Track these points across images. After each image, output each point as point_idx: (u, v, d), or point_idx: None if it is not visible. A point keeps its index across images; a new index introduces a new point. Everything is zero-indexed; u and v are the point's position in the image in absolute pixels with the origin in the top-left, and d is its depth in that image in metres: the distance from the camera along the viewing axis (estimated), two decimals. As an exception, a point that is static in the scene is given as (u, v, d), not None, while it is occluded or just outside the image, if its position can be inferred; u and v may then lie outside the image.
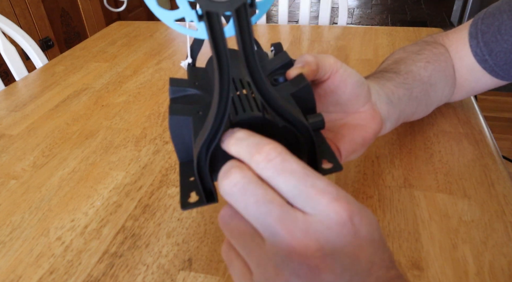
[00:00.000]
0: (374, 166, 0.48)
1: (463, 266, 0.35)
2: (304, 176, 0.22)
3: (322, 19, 1.05)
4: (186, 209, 0.26)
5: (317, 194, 0.21)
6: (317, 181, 0.21)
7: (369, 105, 0.37)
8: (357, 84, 0.35)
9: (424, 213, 0.41)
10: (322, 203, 0.21)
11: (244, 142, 0.24)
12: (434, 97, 0.49)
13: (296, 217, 0.21)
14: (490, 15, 0.48)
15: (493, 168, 0.46)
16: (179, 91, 0.30)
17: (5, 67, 1.64)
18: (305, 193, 0.21)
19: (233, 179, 0.22)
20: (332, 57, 0.34)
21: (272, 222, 0.21)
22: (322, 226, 0.21)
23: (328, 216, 0.21)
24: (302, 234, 0.21)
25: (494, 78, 0.49)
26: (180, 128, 0.28)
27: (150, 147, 0.54)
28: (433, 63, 0.48)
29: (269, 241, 0.22)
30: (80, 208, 0.45)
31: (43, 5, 1.87)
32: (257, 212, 0.22)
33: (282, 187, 0.22)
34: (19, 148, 0.57)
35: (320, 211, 0.21)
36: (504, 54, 0.46)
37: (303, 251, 0.21)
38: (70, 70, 0.81)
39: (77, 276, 0.37)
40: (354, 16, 3.29)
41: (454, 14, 2.93)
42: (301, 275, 0.21)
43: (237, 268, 0.25)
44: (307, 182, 0.21)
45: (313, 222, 0.21)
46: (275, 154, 0.22)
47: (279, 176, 0.22)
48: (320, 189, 0.21)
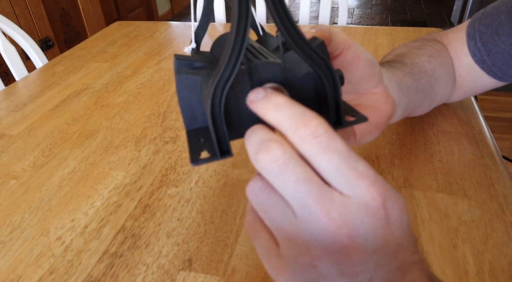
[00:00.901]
0: (374, 166, 0.48)
1: (463, 266, 0.35)
2: (348, 158, 0.21)
3: (322, 19, 1.05)
4: (196, 164, 0.24)
5: (358, 177, 0.21)
6: (359, 163, 0.21)
7: (382, 87, 0.36)
8: (370, 63, 0.34)
9: (424, 213, 0.41)
10: (361, 187, 0.21)
11: (286, 110, 0.22)
12: (438, 91, 0.49)
13: (333, 197, 0.21)
14: (488, 15, 0.48)
15: (493, 168, 0.46)
16: (185, 64, 0.28)
17: (5, 67, 1.64)
18: (347, 174, 0.21)
19: (274, 154, 0.21)
20: (344, 34, 0.33)
21: (309, 201, 0.21)
22: (358, 209, 0.21)
23: (365, 200, 0.21)
24: (338, 215, 0.21)
25: (492, 79, 0.49)
26: (188, 91, 0.26)
27: (150, 147, 0.54)
28: (435, 58, 0.48)
29: (303, 217, 0.22)
30: (80, 208, 0.45)
31: (43, 5, 1.87)
32: (296, 190, 0.21)
33: (324, 166, 0.21)
34: (19, 148, 0.57)
35: (358, 194, 0.21)
36: (502, 55, 0.46)
37: (337, 231, 0.21)
38: (70, 70, 0.81)
39: (77, 276, 0.37)
40: (354, 16, 3.29)
41: (454, 14, 2.93)
42: (331, 253, 0.21)
43: (263, 241, 0.25)
44: (350, 164, 0.21)
45: (350, 204, 0.21)
46: (322, 130, 0.21)
47: (323, 154, 0.21)
48: (361, 172, 0.21)
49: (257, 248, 0.25)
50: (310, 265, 0.22)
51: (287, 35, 0.23)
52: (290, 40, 0.23)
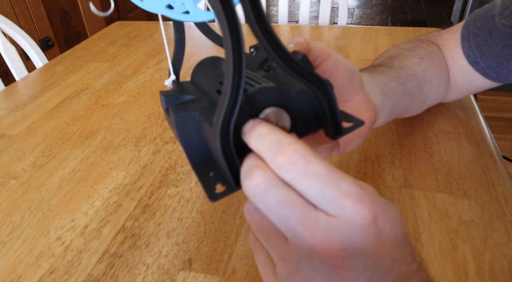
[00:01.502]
0: (374, 166, 0.48)
1: (463, 266, 0.35)
2: (329, 179, 0.21)
3: (322, 19, 1.05)
4: (215, 200, 0.24)
5: (342, 197, 0.21)
6: (342, 182, 0.21)
7: (362, 94, 0.36)
8: (350, 71, 0.34)
9: (424, 213, 0.41)
10: (346, 206, 0.21)
11: (266, 139, 0.23)
12: (429, 93, 0.49)
13: (318, 218, 0.21)
14: (481, 17, 0.48)
15: (493, 168, 0.46)
16: (173, 99, 0.28)
17: (5, 67, 1.64)
18: (330, 196, 0.21)
19: (255, 180, 0.22)
20: (323, 43, 0.33)
21: (294, 224, 0.21)
22: (345, 228, 0.21)
23: (352, 219, 0.21)
24: (324, 236, 0.21)
25: (487, 80, 0.49)
26: (187, 127, 0.27)
27: (150, 147, 0.54)
28: (427, 59, 0.48)
29: (291, 240, 0.22)
30: (80, 208, 0.45)
31: (43, 5, 1.87)
32: (279, 213, 0.22)
33: (306, 190, 0.21)
34: (19, 148, 0.57)
35: (344, 214, 0.21)
36: (495, 57, 0.47)
37: (325, 252, 0.21)
38: (70, 70, 0.81)
39: (77, 276, 0.37)
40: (354, 16, 3.29)
41: (454, 14, 2.93)
42: (322, 272, 0.21)
43: (262, 258, 0.26)
44: (332, 185, 0.21)
45: (336, 224, 0.21)
46: (298, 156, 0.21)
47: (303, 179, 0.21)
48: (346, 192, 0.21)
49: (257, 264, 0.26)
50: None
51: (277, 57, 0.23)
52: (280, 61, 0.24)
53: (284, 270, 0.23)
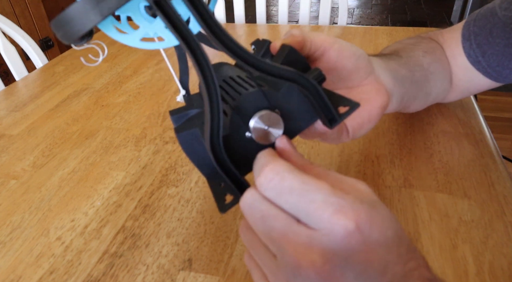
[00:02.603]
0: (374, 166, 0.48)
1: (463, 266, 0.35)
2: (303, 192, 0.22)
3: (322, 19, 1.05)
4: (224, 211, 0.26)
5: (317, 209, 0.21)
6: (316, 195, 0.21)
7: (372, 78, 0.36)
8: (356, 56, 0.34)
9: (424, 213, 0.41)
10: (323, 218, 0.21)
11: (257, 163, 0.25)
12: (434, 86, 0.49)
13: (299, 232, 0.21)
14: (482, 17, 0.48)
15: (493, 168, 0.46)
16: (181, 117, 0.30)
17: (5, 67, 1.63)
18: (306, 209, 0.21)
19: (244, 197, 0.24)
20: (324, 34, 0.33)
21: (276, 237, 0.22)
22: (327, 240, 0.21)
23: (333, 229, 0.21)
24: (306, 249, 0.21)
25: (487, 79, 0.49)
26: (192, 144, 0.28)
27: (150, 147, 0.54)
28: (430, 54, 0.48)
29: (278, 255, 0.23)
30: (80, 208, 0.45)
31: (43, 5, 1.87)
32: (263, 227, 0.23)
33: (284, 206, 0.22)
34: (19, 148, 0.57)
35: (324, 225, 0.21)
36: (496, 57, 0.47)
37: (310, 265, 0.21)
38: (70, 70, 0.81)
39: (77, 276, 0.37)
40: (354, 16, 3.29)
41: (454, 14, 2.93)
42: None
43: (258, 275, 0.26)
44: (306, 198, 0.21)
45: (317, 236, 0.21)
46: (272, 175, 0.23)
47: (279, 197, 0.22)
48: (320, 203, 0.21)
49: (254, 280, 0.27)
50: None
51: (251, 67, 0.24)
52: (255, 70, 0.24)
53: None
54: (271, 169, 0.23)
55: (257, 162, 0.25)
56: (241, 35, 0.93)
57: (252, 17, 1.32)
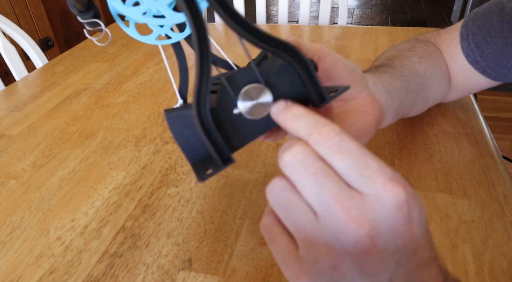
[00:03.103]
0: (374, 166, 0.47)
1: (463, 266, 0.35)
2: (360, 155, 0.22)
3: (322, 19, 1.05)
4: (204, 180, 0.25)
5: (373, 174, 0.21)
6: (372, 161, 0.22)
7: (367, 92, 0.36)
8: (349, 68, 0.34)
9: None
10: (377, 183, 0.21)
11: (302, 119, 0.24)
12: (431, 91, 0.49)
13: (352, 195, 0.21)
14: (480, 16, 0.48)
15: (493, 168, 0.46)
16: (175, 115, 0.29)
17: (5, 67, 1.63)
18: (361, 172, 0.21)
19: (294, 151, 0.22)
20: (319, 44, 0.33)
21: (328, 197, 0.21)
22: (378, 206, 0.21)
23: (384, 196, 0.21)
24: (358, 212, 0.21)
25: (487, 79, 0.49)
26: (181, 127, 0.27)
27: (150, 147, 0.54)
28: (426, 58, 0.48)
29: (323, 217, 0.22)
30: (80, 208, 0.45)
31: (43, 5, 1.87)
32: (314, 184, 0.22)
33: (338, 165, 0.22)
34: (19, 148, 0.57)
35: (376, 191, 0.21)
36: (494, 56, 0.47)
37: (357, 229, 0.21)
38: (70, 70, 0.81)
39: (77, 276, 0.37)
40: (354, 16, 3.29)
41: (454, 14, 2.93)
42: (353, 254, 0.21)
43: (282, 244, 0.25)
44: (362, 161, 0.22)
45: (369, 201, 0.21)
46: (334, 134, 0.22)
47: (336, 153, 0.22)
48: (376, 169, 0.21)
49: (274, 252, 0.25)
50: (331, 267, 0.22)
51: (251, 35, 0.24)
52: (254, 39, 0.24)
53: (311, 253, 0.23)
54: (332, 128, 0.23)
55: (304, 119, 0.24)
56: (241, 35, 0.93)
57: (252, 17, 1.32)
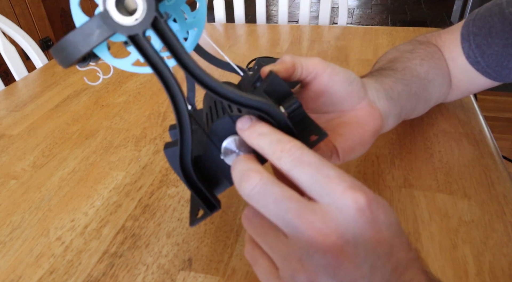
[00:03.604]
0: (374, 166, 0.48)
1: (463, 266, 0.35)
2: (320, 166, 0.23)
3: (322, 19, 1.05)
4: (193, 225, 0.28)
5: (331, 182, 0.22)
6: (331, 171, 0.22)
7: (366, 102, 0.36)
8: (348, 81, 0.34)
9: (424, 213, 0.41)
10: (337, 191, 0.22)
11: (267, 138, 0.25)
12: (433, 93, 0.49)
13: (313, 209, 0.22)
14: (481, 17, 0.48)
15: (493, 168, 0.46)
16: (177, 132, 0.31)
17: (5, 67, 1.63)
18: (321, 182, 0.22)
19: (252, 181, 0.24)
20: (317, 58, 0.33)
21: (291, 217, 0.22)
22: (340, 214, 0.22)
23: (345, 204, 0.22)
24: (321, 224, 0.22)
25: (487, 79, 0.49)
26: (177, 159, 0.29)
27: (150, 147, 0.54)
28: (428, 60, 0.48)
29: (291, 235, 0.23)
30: (80, 208, 0.45)
31: (43, 5, 1.87)
32: (277, 209, 0.23)
33: (299, 178, 0.23)
34: (19, 148, 0.57)
35: (337, 199, 0.22)
36: (495, 57, 0.47)
37: (324, 240, 0.21)
38: (70, 70, 0.81)
39: (77, 276, 0.37)
40: (354, 16, 3.29)
41: (454, 14, 2.93)
42: (325, 264, 0.22)
43: (263, 266, 0.26)
44: (322, 172, 0.22)
45: (331, 211, 0.22)
46: (295, 149, 0.24)
47: (296, 166, 0.23)
48: (335, 178, 0.22)
49: (258, 275, 0.27)
50: (308, 281, 0.23)
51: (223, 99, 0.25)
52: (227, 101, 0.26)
53: (287, 270, 0.24)
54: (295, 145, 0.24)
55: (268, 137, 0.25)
56: (241, 35, 0.93)
57: (252, 17, 1.32)
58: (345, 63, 0.74)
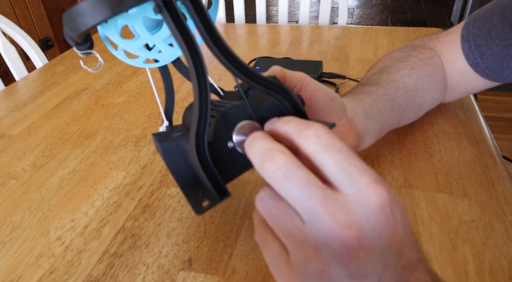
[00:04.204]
0: (374, 166, 0.48)
1: (463, 266, 0.35)
2: (348, 155, 0.22)
3: (322, 19, 1.05)
4: (201, 213, 0.27)
5: (359, 173, 0.22)
6: (359, 162, 0.22)
7: (345, 119, 0.38)
8: (329, 97, 0.36)
9: (424, 213, 0.41)
10: (363, 183, 0.22)
11: (293, 122, 0.25)
12: (423, 101, 0.50)
13: (336, 198, 0.22)
14: (481, 18, 0.48)
15: (493, 168, 0.46)
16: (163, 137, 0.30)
17: (5, 67, 1.63)
18: (348, 170, 0.22)
19: (278, 162, 0.23)
20: (303, 73, 0.35)
21: (314, 204, 0.22)
22: (363, 207, 0.22)
23: (368, 197, 0.22)
24: (344, 215, 0.21)
25: (486, 80, 0.49)
26: (174, 156, 0.29)
27: (150, 147, 0.54)
28: (417, 69, 0.49)
29: (310, 222, 0.22)
30: (80, 208, 0.45)
31: (43, 5, 1.87)
32: (300, 194, 0.22)
33: (326, 163, 0.23)
34: (19, 148, 0.57)
35: (361, 191, 0.22)
36: (495, 58, 0.47)
37: (343, 232, 0.21)
38: (70, 70, 0.81)
39: (77, 276, 0.37)
40: (354, 16, 3.29)
41: (454, 14, 2.93)
42: (340, 256, 0.21)
43: (273, 249, 0.25)
44: (350, 161, 0.22)
45: (354, 202, 0.22)
46: (324, 132, 0.23)
47: (325, 151, 0.23)
48: (362, 169, 0.22)
49: (267, 258, 0.26)
50: (319, 270, 0.22)
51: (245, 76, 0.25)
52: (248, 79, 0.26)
53: (300, 257, 0.23)
54: (322, 126, 0.23)
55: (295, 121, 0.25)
56: (241, 35, 0.93)
57: (252, 17, 1.32)
58: (345, 63, 0.74)
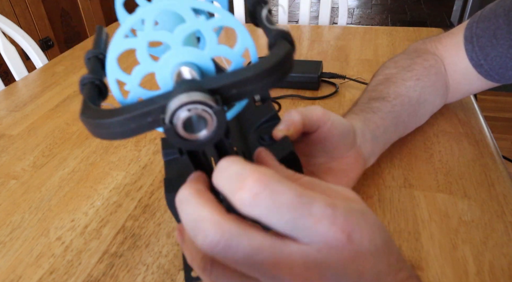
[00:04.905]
0: (374, 166, 0.47)
1: (463, 266, 0.35)
2: (300, 206, 0.19)
3: (322, 19, 1.05)
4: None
5: (316, 223, 0.19)
6: (313, 207, 0.19)
7: (354, 150, 0.39)
8: (343, 135, 0.37)
9: (424, 213, 0.41)
10: (320, 231, 0.19)
11: (225, 172, 0.20)
12: (424, 114, 0.51)
13: (291, 252, 0.20)
14: (485, 19, 0.48)
15: (493, 168, 0.46)
16: (172, 153, 0.30)
17: (5, 67, 1.63)
18: (304, 225, 0.19)
19: (212, 239, 0.19)
20: (320, 109, 0.35)
21: (269, 268, 0.20)
22: (321, 255, 0.20)
23: (326, 243, 0.20)
24: (302, 269, 0.20)
25: (488, 81, 0.49)
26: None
27: (150, 147, 0.54)
28: (422, 79, 0.49)
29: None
30: (80, 208, 0.45)
31: (43, 5, 1.87)
32: (250, 264, 0.20)
33: (276, 224, 0.19)
34: (19, 148, 0.57)
35: (318, 239, 0.20)
36: (499, 59, 0.47)
37: None
38: (70, 70, 0.81)
39: (77, 276, 0.37)
40: (354, 16, 3.29)
41: (454, 14, 2.93)
42: None
43: None
44: (304, 213, 0.19)
45: (311, 252, 0.20)
46: (261, 188, 0.19)
47: (271, 213, 0.19)
48: (318, 216, 0.19)
49: None
50: None
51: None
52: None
53: None
54: (258, 179, 0.19)
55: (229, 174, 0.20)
56: (241, 35, 0.93)
57: (252, 17, 1.32)
58: (345, 63, 0.74)
